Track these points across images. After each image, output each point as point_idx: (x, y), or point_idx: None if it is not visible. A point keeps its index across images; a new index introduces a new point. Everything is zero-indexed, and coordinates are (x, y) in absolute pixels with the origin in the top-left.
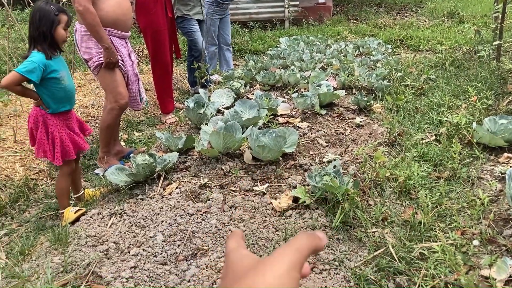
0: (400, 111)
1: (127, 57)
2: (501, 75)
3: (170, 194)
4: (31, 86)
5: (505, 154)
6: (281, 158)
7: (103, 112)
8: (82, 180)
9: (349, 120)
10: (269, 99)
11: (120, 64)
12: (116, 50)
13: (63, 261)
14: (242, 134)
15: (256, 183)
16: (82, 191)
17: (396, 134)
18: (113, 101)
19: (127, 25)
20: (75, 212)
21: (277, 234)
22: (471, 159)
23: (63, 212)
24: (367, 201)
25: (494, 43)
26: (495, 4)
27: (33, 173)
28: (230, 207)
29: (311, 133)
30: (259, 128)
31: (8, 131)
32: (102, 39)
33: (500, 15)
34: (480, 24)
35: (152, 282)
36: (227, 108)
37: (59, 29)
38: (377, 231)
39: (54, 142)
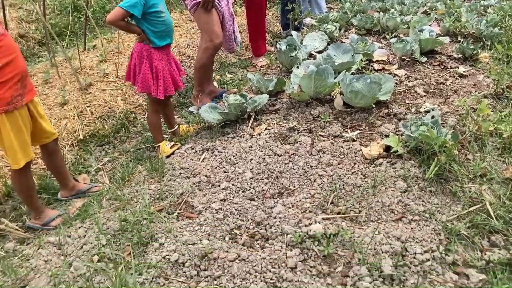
0: (511, 62)
1: None
2: None
3: (259, 134)
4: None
5: None
6: (374, 106)
7: (198, 52)
8: (176, 116)
9: (451, 69)
10: (365, 43)
11: (216, 3)
12: None
13: (159, 189)
14: (334, 79)
15: (346, 130)
16: (177, 126)
17: (504, 86)
18: (208, 40)
19: None
20: (170, 147)
21: (365, 181)
22: None
23: (159, 146)
24: (466, 155)
25: None
26: None
27: (133, 107)
28: (318, 151)
29: (409, 81)
30: (353, 74)
31: (111, 67)
32: None
33: None
34: None
35: (239, 215)
36: (320, 52)
37: None
38: (474, 187)
39: (158, 76)
